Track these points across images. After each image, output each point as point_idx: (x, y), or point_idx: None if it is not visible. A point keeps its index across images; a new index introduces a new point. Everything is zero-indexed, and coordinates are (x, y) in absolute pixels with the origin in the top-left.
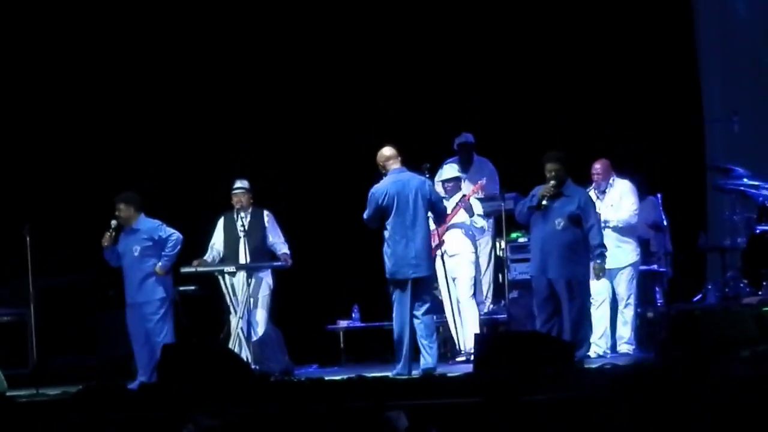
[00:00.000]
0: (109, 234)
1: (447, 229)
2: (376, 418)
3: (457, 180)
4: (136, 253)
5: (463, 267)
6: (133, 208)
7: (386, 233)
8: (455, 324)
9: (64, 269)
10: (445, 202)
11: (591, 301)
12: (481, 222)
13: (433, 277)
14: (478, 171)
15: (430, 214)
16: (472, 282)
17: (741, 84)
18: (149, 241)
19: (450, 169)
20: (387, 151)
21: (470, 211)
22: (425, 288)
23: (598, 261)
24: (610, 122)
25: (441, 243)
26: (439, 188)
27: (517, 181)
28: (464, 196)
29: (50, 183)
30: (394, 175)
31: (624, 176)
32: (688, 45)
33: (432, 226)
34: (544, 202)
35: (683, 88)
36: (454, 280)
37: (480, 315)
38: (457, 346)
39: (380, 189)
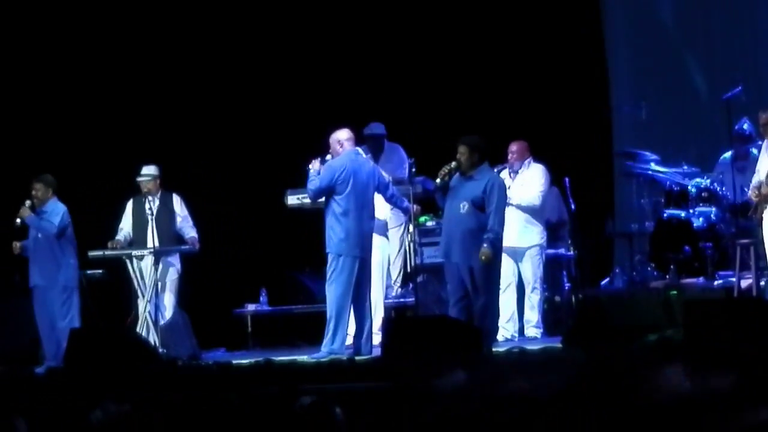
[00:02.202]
0: (22, 210)
1: None
2: (288, 402)
3: None
4: (40, 236)
5: (374, 252)
6: (51, 190)
7: (337, 208)
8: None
9: None
10: None
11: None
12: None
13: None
14: (387, 159)
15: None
16: (380, 266)
17: (649, 69)
18: None
19: None
20: (345, 132)
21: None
22: (368, 269)
23: (485, 245)
24: (517, 107)
25: None
26: None
27: (433, 165)
28: None
29: None
30: (351, 155)
31: (541, 162)
32: (595, 30)
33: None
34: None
35: (590, 74)
36: None
37: (388, 299)
38: None
39: (338, 163)
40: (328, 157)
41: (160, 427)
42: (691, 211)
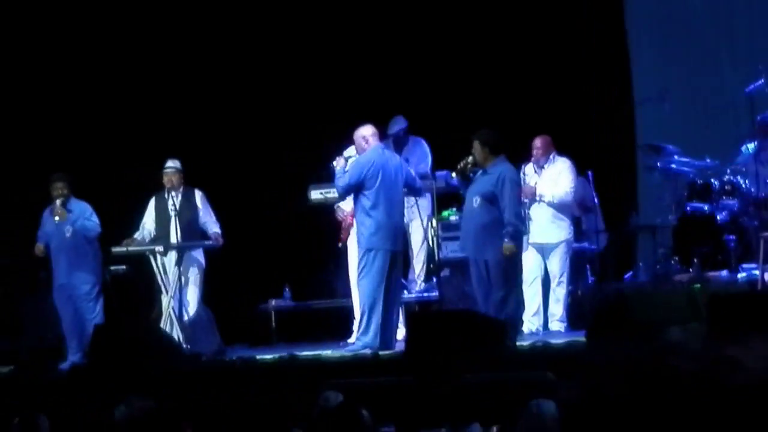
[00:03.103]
0: (61, 211)
1: None
2: (312, 397)
3: None
4: (68, 234)
5: None
6: (71, 188)
7: (366, 203)
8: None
9: None
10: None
11: (522, 278)
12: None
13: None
14: (410, 152)
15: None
16: None
17: (673, 61)
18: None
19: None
20: (370, 128)
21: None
22: (399, 263)
23: (506, 240)
24: (540, 101)
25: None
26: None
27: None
28: None
29: None
30: (378, 149)
31: (565, 155)
32: (617, 21)
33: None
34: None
35: (613, 67)
36: None
37: (411, 294)
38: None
39: (366, 158)
40: (352, 152)
41: (184, 422)
42: (714, 204)
